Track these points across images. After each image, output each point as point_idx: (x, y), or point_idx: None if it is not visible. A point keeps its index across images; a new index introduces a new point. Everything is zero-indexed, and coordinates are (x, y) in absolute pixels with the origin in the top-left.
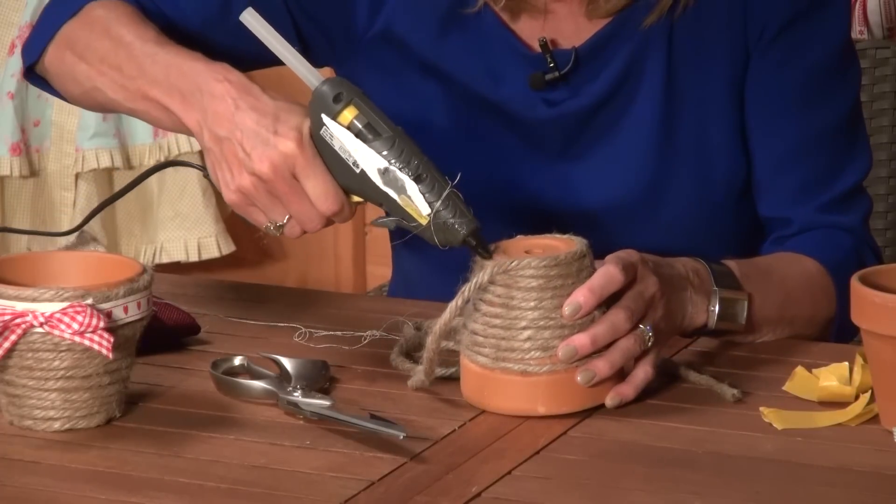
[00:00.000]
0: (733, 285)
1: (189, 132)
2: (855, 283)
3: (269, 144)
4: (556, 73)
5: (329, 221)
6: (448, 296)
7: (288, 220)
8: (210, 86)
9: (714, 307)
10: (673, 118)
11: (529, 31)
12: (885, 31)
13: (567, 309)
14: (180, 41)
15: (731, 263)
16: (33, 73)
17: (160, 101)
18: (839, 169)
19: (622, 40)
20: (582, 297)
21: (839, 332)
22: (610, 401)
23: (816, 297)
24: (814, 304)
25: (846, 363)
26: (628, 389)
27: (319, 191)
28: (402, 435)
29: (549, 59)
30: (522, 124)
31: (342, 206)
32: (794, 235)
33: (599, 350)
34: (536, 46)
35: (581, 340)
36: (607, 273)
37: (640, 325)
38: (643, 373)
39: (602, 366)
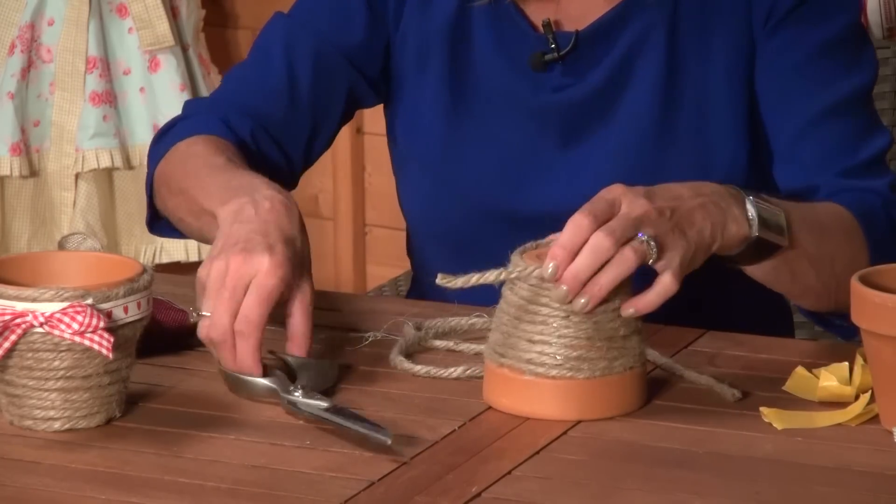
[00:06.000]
0: (766, 199)
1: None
2: (855, 283)
3: (251, 252)
4: (555, 55)
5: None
6: (467, 296)
7: (205, 316)
8: (262, 190)
9: (752, 215)
10: (673, 102)
11: (542, 15)
12: (885, 31)
13: (548, 270)
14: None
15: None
16: (158, 220)
17: (212, 211)
18: (860, 138)
19: (626, 25)
20: (551, 257)
21: None
22: (623, 311)
23: (851, 236)
24: (850, 242)
25: (846, 363)
26: (640, 303)
27: (254, 299)
28: (388, 440)
29: (550, 40)
30: (526, 111)
31: (257, 328)
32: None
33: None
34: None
35: (566, 279)
36: (573, 223)
37: (639, 236)
38: (660, 285)
39: (590, 288)
